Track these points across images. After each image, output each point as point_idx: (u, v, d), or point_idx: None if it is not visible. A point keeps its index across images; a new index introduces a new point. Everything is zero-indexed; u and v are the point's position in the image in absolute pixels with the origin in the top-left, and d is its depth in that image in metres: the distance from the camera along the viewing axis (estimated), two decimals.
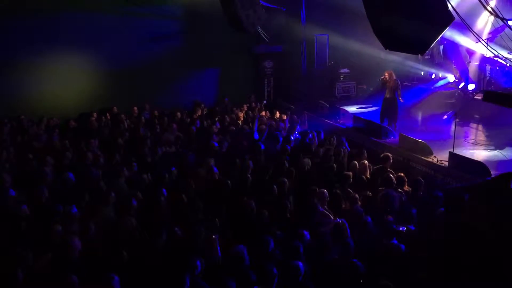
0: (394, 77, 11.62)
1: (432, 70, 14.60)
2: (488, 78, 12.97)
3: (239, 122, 12.26)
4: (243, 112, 13.35)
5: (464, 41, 12.64)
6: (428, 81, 14.52)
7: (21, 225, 6.20)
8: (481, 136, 11.31)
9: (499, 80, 12.57)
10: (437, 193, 7.16)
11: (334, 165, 8.48)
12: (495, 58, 12.31)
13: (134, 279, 5.19)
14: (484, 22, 12.51)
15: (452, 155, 8.98)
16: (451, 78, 14.06)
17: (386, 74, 11.67)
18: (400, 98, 11.61)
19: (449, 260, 4.92)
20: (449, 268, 4.85)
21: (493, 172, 8.18)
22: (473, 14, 11.36)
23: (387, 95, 11.66)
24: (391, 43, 7.84)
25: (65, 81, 13.02)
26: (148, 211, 6.85)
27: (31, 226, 6.27)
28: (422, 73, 14.76)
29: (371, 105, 14.36)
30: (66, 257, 5.42)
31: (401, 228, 6.10)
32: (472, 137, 11.21)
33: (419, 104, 13.33)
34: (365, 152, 9.22)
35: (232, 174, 8.35)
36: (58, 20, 12.73)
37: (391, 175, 7.93)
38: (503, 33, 11.12)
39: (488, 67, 12.96)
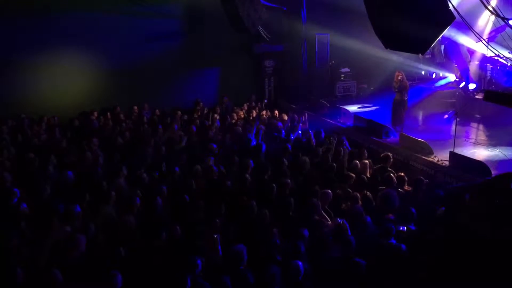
0: (406, 78, 11.46)
1: (433, 70, 14.60)
2: (489, 77, 12.96)
3: (240, 121, 12.23)
4: (244, 111, 13.33)
5: (465, 40, 12.64)
6: (429, 80, 14.51)
7: (21, 224, 6.22)
8: (482, 136, 11.30)
9: (500, 80, 12.56)
10: (438, 192, 7.17)
11: (334, 164, 8.47)
12: (496, 58, 12.31)
13: (135, 278, 5.20)
14: (485, 21, 12.49)
15: (453, 155, 8.97)
16: (452, 77, 14.05)
17: (398, 75, 11.33)
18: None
19: (449, 260, 4.92)
20: (449, 268, 4.85)
21: (493, 172, 8.18)
22: (474, 14, 11.35)
23: (398, 97, 11.34)
24: (391, 43, 7.85)
25: (66, 80, 13.02)
26: (148, 210, 6.87)
27: (31, 224, 6.29)
28: (423, 72, 14.76)
29: (371, 105, 14.36)
30: (68, 256, 5.45)
31: (401, 228, 6.09)
32: (472, 136, 11.20)
33: (420, 103, 13.32)
34: (366, 151, 9.22)
35: (232, 174, 8.35)
36: (59, 19, 12.73)
37: (392, 174, 7.92)
38: (504, 32, 11.11)
39: (489, 66, 12.95)
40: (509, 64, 12.07)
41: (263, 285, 5.00)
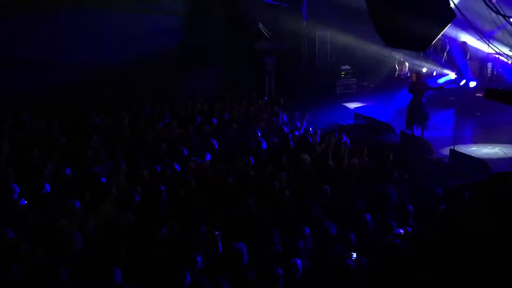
0: (423, 80, 11.08)
1: (434, 67, 14.59)
2: (489, 75, 12.97)
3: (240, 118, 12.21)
4: (243, 108, 13.31)
5: (466, 38, 12.63)
6: (430, 78, 14.50)
7: (20, 220, 6.23)
8: (482, 134, 11.30)
9: (501, 77, 12.56)
10: (437, 189, 7.17)
11: (331, 162, 8.45)
12: (497, 56, 12.29)
13: (134, 274, 5.21)
14: (486, 19, 12.46)
15: (453, 152, 8.98)
16: (452, 75, 14.05)
17: (413, 75, 11.07)
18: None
19: (449, 260, 4.91)
20: (449, 268, 4.84)
21: (493, 170, 8.17)
22: (475, 11, 11.32)
23: (415, 99, 10.89)
24: (392, 40, 7.81)
25: (65, 77, 13.01)
26: (148, 207, 6.87)
27: (30, 221, 6.30)
28: (424, 70, 14.75)
29: (372, 102, 14.35)
30: (67, 252, 5.46)
31: (400, 231, 6.06)
32: (473, 134, 11.20)
33: None
34: (366, 149, 9.21)
35: (233, 171, 8.35)
36: (59, 16, 12.70)
37: (400, 172, 7.89)
38: (504, 30, 11.08)
39: (489, 64, 12.94)
40: (509, 62, 12.06)
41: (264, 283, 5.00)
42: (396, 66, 14.46)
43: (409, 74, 14.02)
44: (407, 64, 14.20)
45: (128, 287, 4.99)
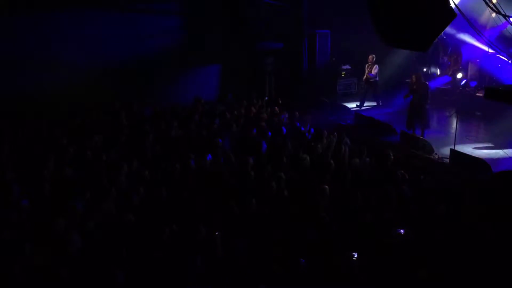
0: (423, 80, 10.99)
1: (434, 67, 14.58)
2: (490, 75, 12.96)
3: (240, 118, 12.20)
4: (243, 108, 13.30)
5: (466, 38, 12.62)
6: (431, 78, 14.50)
7: (22, 220, 6.24)
8: (483, 133, 11.30)
9: (501, 77, 12.55)
10: (436, 189, 7.16)
11: (332, 161, 8.46)
12: (497, 55, 12.29)
13: (135, 274, 5.21)
14: (487, 18, 12.47)
15: (453, 152, 8.98)
16: (453, 75, 14.04)
17: (413, 77, 11.01)
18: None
19: (449, 260, 4.92)
20: (449, 268, 4.85)
21: (494, 170, 8.18)
22: (475, 11, 11.32)
23: (415, 100, 10.86)
24: (392, 40, 7.82)
25: (66, 78, 13.00)
26: (148, 207, 6.87)
27: (32, 221, 6.31)
28: (425, 69, 14.74)
29: (372, 102, 14.34)
30: (66, 252, 5.46)
31: (400, 231, 6.06)
32: (473, 134, 11.20)
33: None
34: (366, 149, 9.20)
35: (233, 171, 8.36)
36: (58, 17, 12.70)
37: (398, 172, 7.87)
38: (505, 30, 11.09)
39: (490, 64, 12.94)
40: (510, 62, 12.05)
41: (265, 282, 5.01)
42: (366, 68, 14.01)
43: (377, 79, 13.91)
44: (377, 66, 13.84)
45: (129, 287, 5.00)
